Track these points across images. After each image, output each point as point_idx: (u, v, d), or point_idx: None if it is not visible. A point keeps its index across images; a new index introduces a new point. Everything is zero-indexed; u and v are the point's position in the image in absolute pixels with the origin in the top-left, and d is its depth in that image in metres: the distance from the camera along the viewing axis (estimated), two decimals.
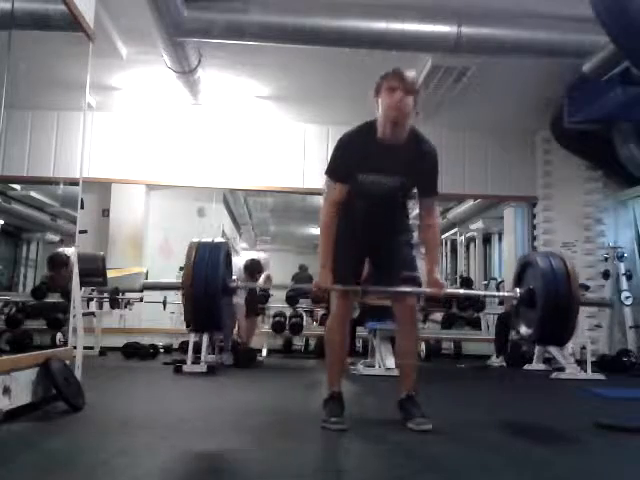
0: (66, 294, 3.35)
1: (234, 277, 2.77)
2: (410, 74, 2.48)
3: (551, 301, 2.43)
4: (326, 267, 2.56)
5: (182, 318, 5.95)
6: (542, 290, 2.45)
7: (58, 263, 4.76)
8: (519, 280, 2.70)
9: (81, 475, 1.82)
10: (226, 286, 2.60)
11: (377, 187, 2.56)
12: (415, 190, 2.66)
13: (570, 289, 2.44)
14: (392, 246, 2.67)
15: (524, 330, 2.64)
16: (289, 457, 2.10)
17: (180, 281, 2.57)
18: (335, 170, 2.60)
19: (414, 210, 2.89)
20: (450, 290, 3.29)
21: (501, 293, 3.14)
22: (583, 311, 6.28)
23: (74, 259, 3.34)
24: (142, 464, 1.95)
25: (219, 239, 2.67)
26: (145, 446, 2.19)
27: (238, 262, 5.52)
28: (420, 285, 2.68)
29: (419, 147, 2.57)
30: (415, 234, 2.79)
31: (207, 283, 2.47)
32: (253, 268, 5.63)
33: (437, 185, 2.66)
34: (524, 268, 2.69)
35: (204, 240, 2.66)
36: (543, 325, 2.47)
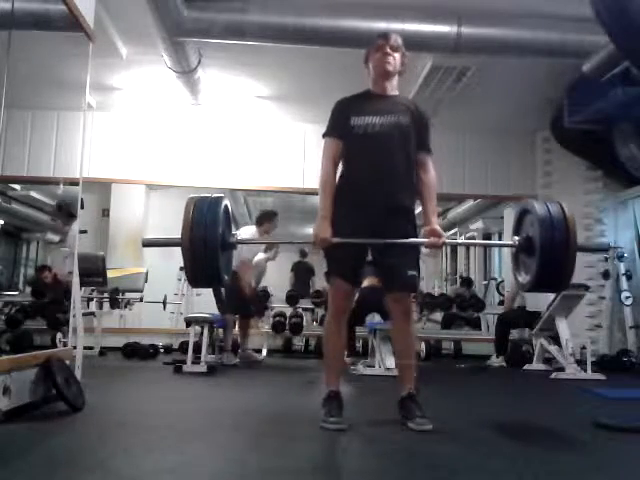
0: (65, 293, 3.35)
1: (234, 232, 2.71)
2: (394, 35, 2.73)
3: (548, 247, 2.42)
4: (326, 218, 2.57)
5: (182, 318, 5.97)
6: (540, 237, 2.45)
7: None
8: (518, 228, 2.69)
9: (81, 475, 1.82)
10: (225, 241, 2.56)
11: (372, 130, 2.61)
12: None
13: (568, 235, 2.43)
14: (395, 249, 2.61)
15: (522, 277, 2.64)
16: (288, 457, 2.10)
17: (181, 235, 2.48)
18: (331, 127, 2.72)
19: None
20: (449, 240, 3.27)
21: (500, 242, 3.11)
22: (583, 311, 6.31)
23: (74, 259, 3.34)
24: (142, 464, 1.96)
25: (217, 194, 2.59)
26: (145, 446, 2.19)
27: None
28: (417, 288, 2.69)
29: (411, 101, 2.81)
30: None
31: (206, 239, 2.43)
32: (262, 218, 5.82)
33: (429, 144, 2.73)
34: (522, 216, 2.68)
35: (202, 195, 2.59)
36: (541, 271, 2.46)
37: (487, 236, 10.07)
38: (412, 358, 2.73)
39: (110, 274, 5.85)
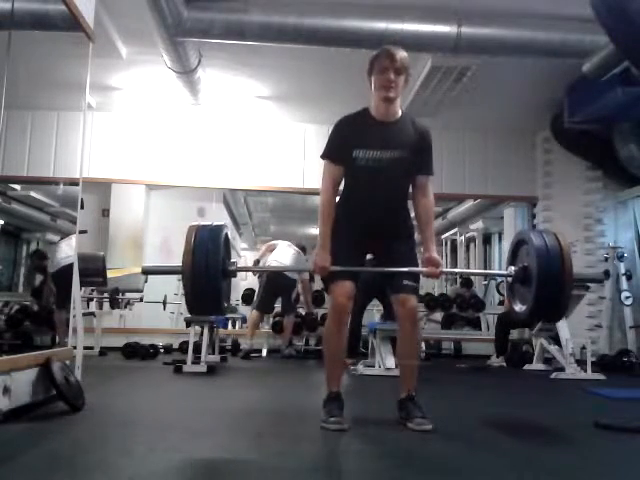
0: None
1: (233, 260, 2.73)
2: (400, 53, 2.60)
3: (544, 279, 2.44)
4: (325, 248, 2.58)
5: (182, 318, 5.97)
6: (536, 268, 2.46)
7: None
8: (513, 258, 2.71)
9: (81, 475, 1.82)
10: (226, 269, 2.57)
11: (375, 164, 2.58)
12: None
13: (563, 266, 2.45)
14: (394, 253, 2.65)
15: (519, 307, 2.66)
16: (288, 457, 2.10)
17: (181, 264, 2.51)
18: (331, 151, 2.66)
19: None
20: (446, 269, 3.29)
21: (496, 272, 3.12)
22: (583, 311, 6.31)
23: (74, 259, 3.34)
24: (142, 464, 1.95)
25: (218, 222, 2.63)
26: (145, 446, 2.19)
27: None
28: (417, 292, 2.68)
29: (414, 125, 2.66)
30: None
31: (207, 266, 2.44)
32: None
33: (432, 165, 2.69)
34: (518, 246, 2.69)
35: (204, 223, 2.62)
36: (537, 302, 2.48)
37: (487, 236, 10.08)
38: (414, 360, 2.73)
39: (110, 274, 5.85)
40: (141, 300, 6.48)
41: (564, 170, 6.86)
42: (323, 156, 2.67)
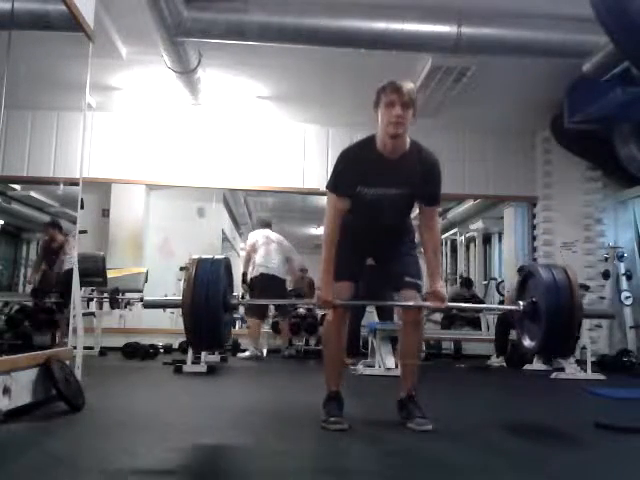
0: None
1: (235, 293, 2.67)
2: (407, 86, 2.48)
3: (554, 314, 2.38)
4: (328, 281, 2.55)
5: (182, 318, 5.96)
6: (545, 305, 2.41)
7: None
8: (522, 291, 2.65)
9: (81, 475, 1.82)
10: (227, 303, 2.51)
11: (378, 200, 2.57)
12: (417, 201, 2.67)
13: (573, 302, 2.39)
14: (394, 254, 2.68)
15: (527, 343, 2.60)
16: (288, 457, 2.10)
17: (180, 297, 2.44)
18: (336, 185, 2.60)
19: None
20: (452, 304, 3.21)
21: (504, 307, 3.05)
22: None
23: (74, 259, 3.34)
24: (142, 464, 1.95)
25: (219, 256, 2.54)
26: (145, 446, 2.19)
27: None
28: (421, 292, 2.67)
29: (421, 159, 2.58)
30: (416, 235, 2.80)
31: (208, 300, 2.35)
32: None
33: (439, 196, 2.67)
34: (526, 279, 2.64)
35: (204, 256, 2.55)
36: (547, 339, 2.43)
37: (487, 236, 10.08)
38: (416, 360, 2.73)
39: (110, 274, 5.85)
40: (141, 300, 6.47)
41: (564, 170, 6.86)
42: (328, 188, 2.63)
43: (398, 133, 2.47)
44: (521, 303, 2.59)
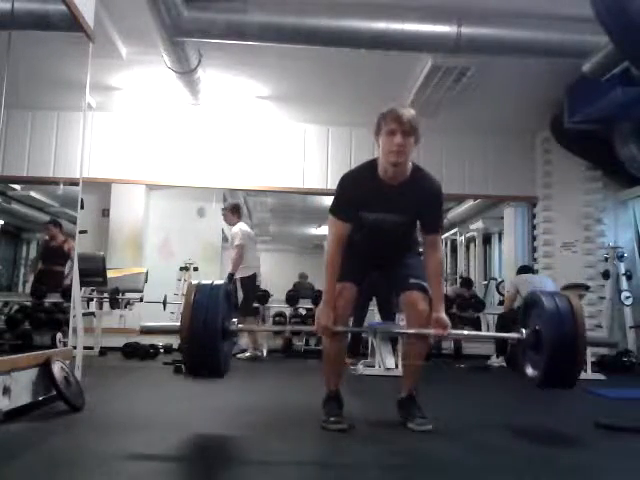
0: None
1: (233, 320, 2.65)
2: (408, 113, 2.46)
3: (556, 345, 2.36)
4: (328, 304, 2.54)
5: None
6: (548, 333, 2.39)
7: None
8: (526, 319, 2.62)
9: (81, 475, 1.82)
10: (226, 329, 2.49)
11: (380, 224, 2.60)
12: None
13: (577, 332, 2.38)
14: (399, 261, 2.71)
15: (530, 371, 2.57)
16: (288, 457, 2.10)
17: (179, 323, 2.41)
18: (338, 210, 2.61)
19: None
20: (455, 331, 3.18)
21: (507, 335, 3.01)
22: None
23: (74, 259, 3.34)
24: (142, 464, 1.96)
25: (218, 281, 2.51)
26: (145, 446, 2.19)
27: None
28: (427, 292, 2.66)
29: (422, 185, 2.58)
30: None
31: (206, 326, 2.33)
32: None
33: (439, 224, 2.69)
34: (529, 308, 2.62)
35: (204, 282, 2.53)
36: (550, 369, 2.40)
37: (487, 236, 10.09)
38: (419, 361, 2.73)
39: (110, 274, 5.85)
40: (141, 300, 6.47)
41: (564, 170, 6.85)
42: (332, 213, 2.63)
43: (399, 162, 2.46)
44: (524, 331, 2.57)
